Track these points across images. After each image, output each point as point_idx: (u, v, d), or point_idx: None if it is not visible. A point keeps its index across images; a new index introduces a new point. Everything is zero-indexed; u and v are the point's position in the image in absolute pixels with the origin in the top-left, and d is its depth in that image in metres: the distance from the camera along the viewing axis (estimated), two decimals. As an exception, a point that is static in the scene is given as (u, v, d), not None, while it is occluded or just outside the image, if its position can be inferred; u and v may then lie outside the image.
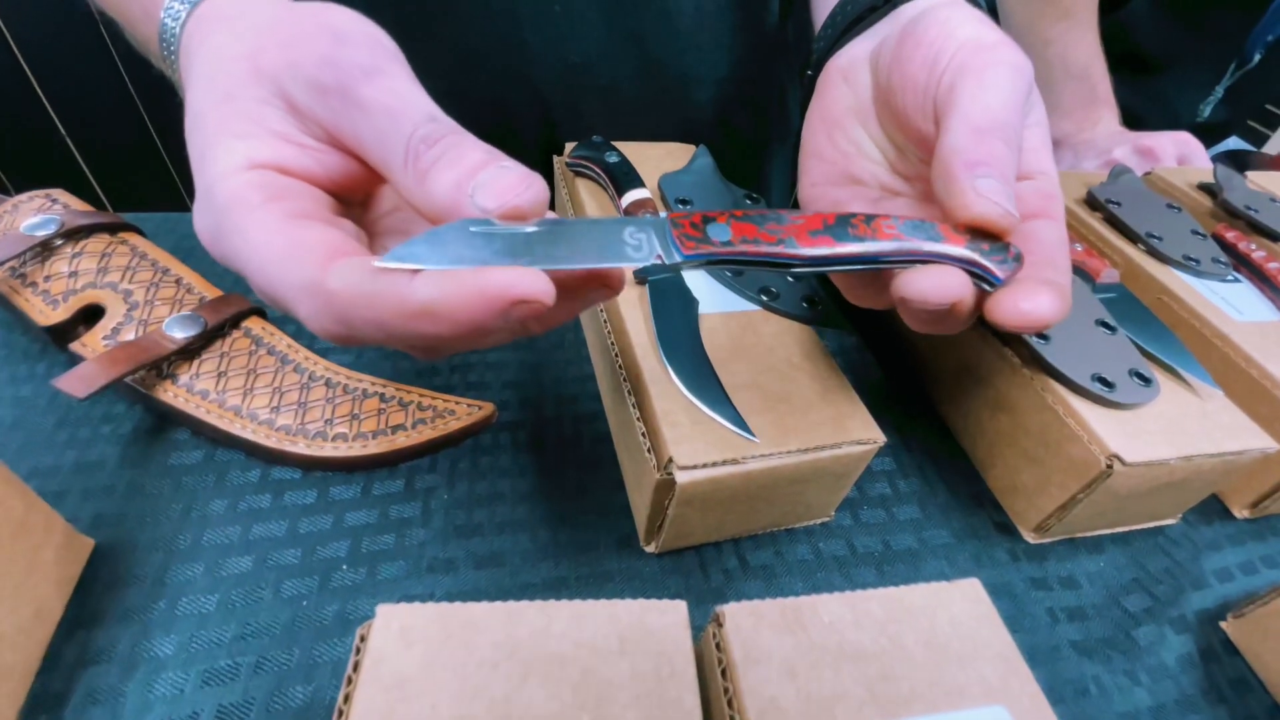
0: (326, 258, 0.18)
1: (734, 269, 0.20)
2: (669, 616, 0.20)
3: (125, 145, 1.03)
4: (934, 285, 0.20)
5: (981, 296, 0.21)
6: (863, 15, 0.30)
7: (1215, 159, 0.99)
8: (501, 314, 0.16)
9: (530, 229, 0.18)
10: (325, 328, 0.18)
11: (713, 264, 0.20)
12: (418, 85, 0.20)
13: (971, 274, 0.21)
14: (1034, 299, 0.20)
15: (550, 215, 0.19)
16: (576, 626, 0.19)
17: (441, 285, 0.16)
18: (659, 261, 0.19)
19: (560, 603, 0.19)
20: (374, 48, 0.20)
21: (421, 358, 0.22)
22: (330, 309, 0.17)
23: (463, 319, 0.16)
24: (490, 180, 0.18)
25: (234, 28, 0.21)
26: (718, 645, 0.20)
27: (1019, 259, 0.21)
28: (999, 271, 0.21)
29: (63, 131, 1.05)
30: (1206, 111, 0.76)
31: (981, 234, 0.21)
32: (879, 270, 0.22)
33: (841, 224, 0.21)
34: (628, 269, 0.22)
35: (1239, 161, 1.10)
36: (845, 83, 0.29)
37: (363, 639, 0.18)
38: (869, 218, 0.21)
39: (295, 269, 0.17)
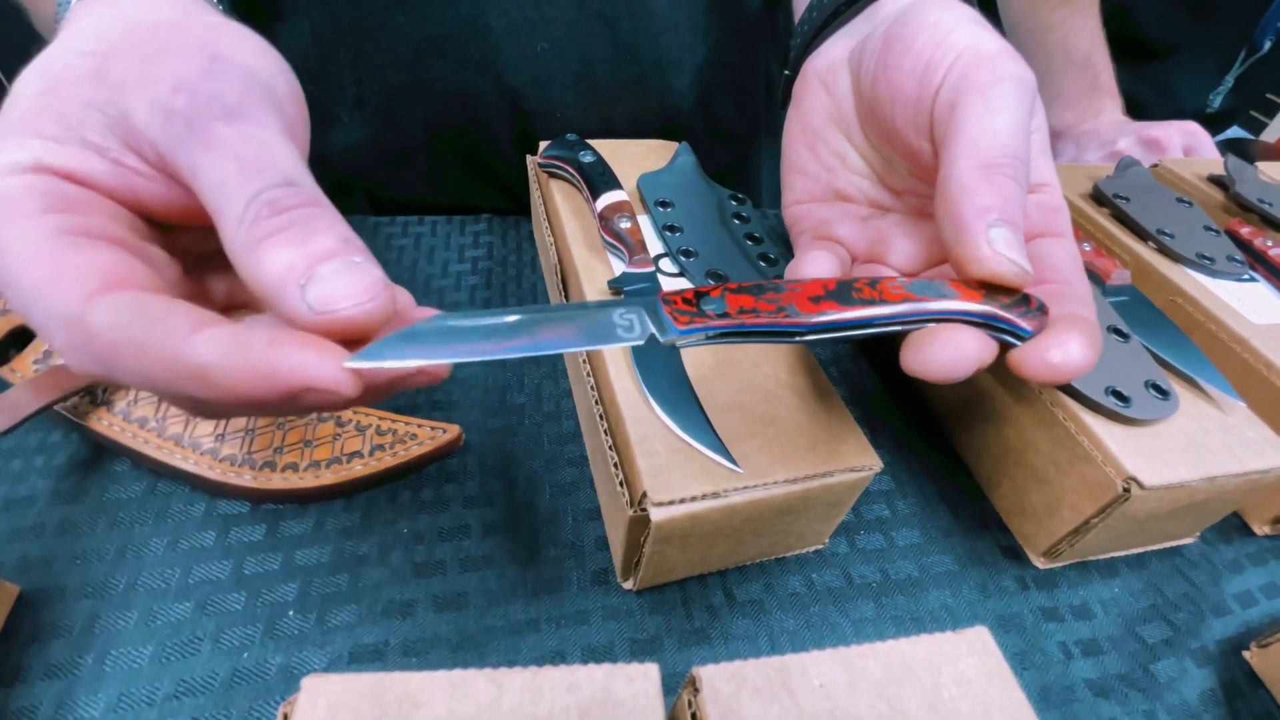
0: (97, 289, 0.15)
1: (730, 334, 0.18)
2: (637, 684, 0.17)
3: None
4: (950, 357, 0.18)
5: (1004, 347, 0.19)
6: (839, 9, 0.27)
7: (1224, 149, 0.97)
8: (288, 397, 0.15)
9: (513, 319, 0.16)
10: (82, 366, 0.15)
11: (711, 340, 0.18)
12: (286, 141, 0.17)
13: (994, 327, 0.19)
14: (1064, 348, 0.18)
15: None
16: (531, 699, 0.17)
17: (226, 350, 0.14)
18: (655, 340, 0.18)
19: (512, 671, 0.17)
20: (249, 86, 0.18)
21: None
22: (89, 348, 0.15)
23: (240, 391, 0.14)
24: (332, 275, 0.15)
25: (111, 18, 0.19)
26: (693, 715, 0.17)
27: (1043, 309, 0.19)
28: (1025, 324, 0.19)
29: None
30: (1217, 102, 0.74)
31: (996, 286, 0.19)
32: (894, 333, 0.20)
33: (844, 289, 0.19)
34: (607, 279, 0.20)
35: (1239, 149, 1.08)
36: (824, 89, 0.26)
37: (285, 718, 0.16)
38: (873, 281, 0.19)
39: (55, 297, 0.15)
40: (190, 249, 0.20)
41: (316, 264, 0.15)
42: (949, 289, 0.19)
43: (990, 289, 0.20)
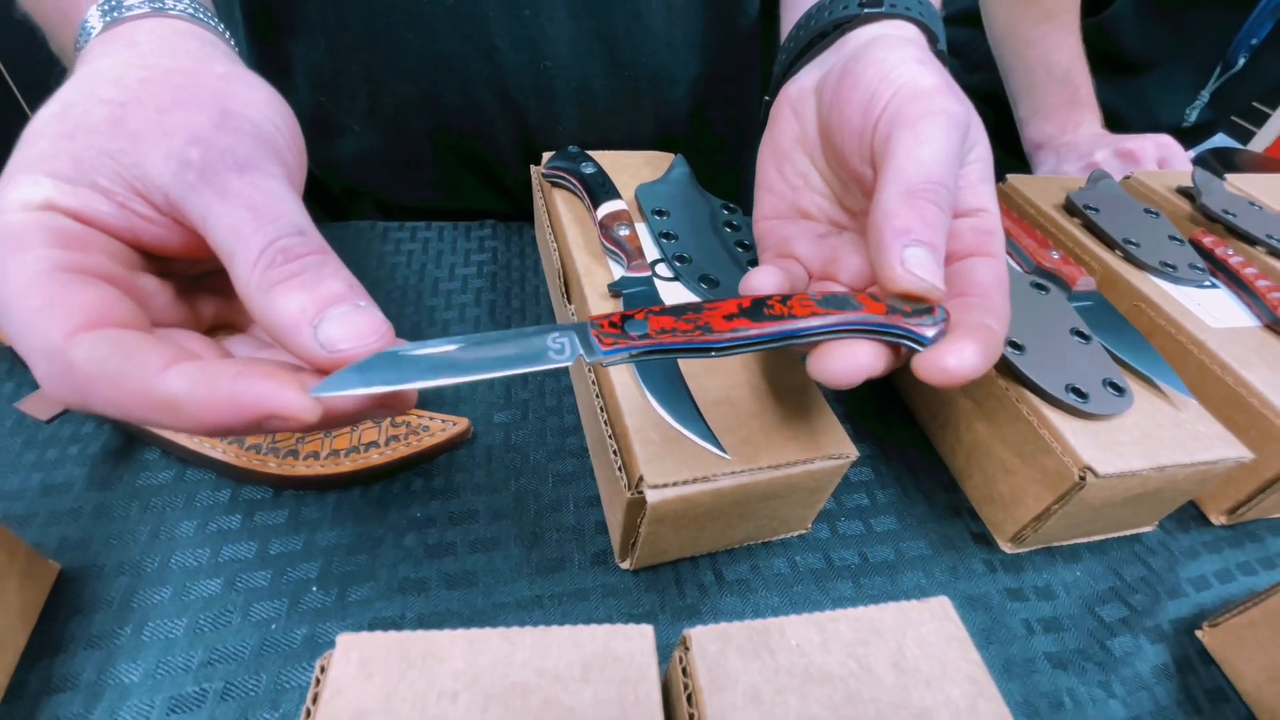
0: (80, 325, 0.16)
1: (652, 351, 0.20)
2: (635, 642, 0.19)
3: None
4: (843, 367, 0.21)
5: (911, 353, 0.22)
6: (813, 41, 0.30)
7: (1196, 160, 1.00)
8: (254, 423, 0.16)
9: (455, 348, 0.18)
10: (61, 395, 0.17)
11: (635, 358, 0.20)
12: (291, 192, 0.19)
13: (902, 335, 0.21)
14: (959, 354, 0.20)
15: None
16: (540, 654, 0.19)
17: (195, 382, 0.16)
18: (582, 359, 0.19)
19: (524, 630, 0.19)
20: (258, 141, 0.19)
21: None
22: (67, 380, 0.16)
23: (208, 420, 0.16)
24: (341, 317, 0.17)
25: (129, 62, 0.20)
26: (684, 670, 0.20)
27: (945, 318, 0.22)
28: (925, 332, 0.21)
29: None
30: (1193, 116, 0.76)
31: (912, 298, 0.22)
32: (804, 344, 0.22)
33: (757, 306, 0.21)
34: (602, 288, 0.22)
35: (1225, 159, 1.10)
36: (794, 115, 0.29)
37: (323, 670, 0.18)
38: (785, 298, 0.21)
39: (41, 330, 0.16)
40: (181, 273, 0.22)
41: (327, 307, 0.17)
42: (855, 301, 0.21)
43: (903, 301, 0.22)
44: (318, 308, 0.17)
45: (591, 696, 0.18)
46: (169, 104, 0.19)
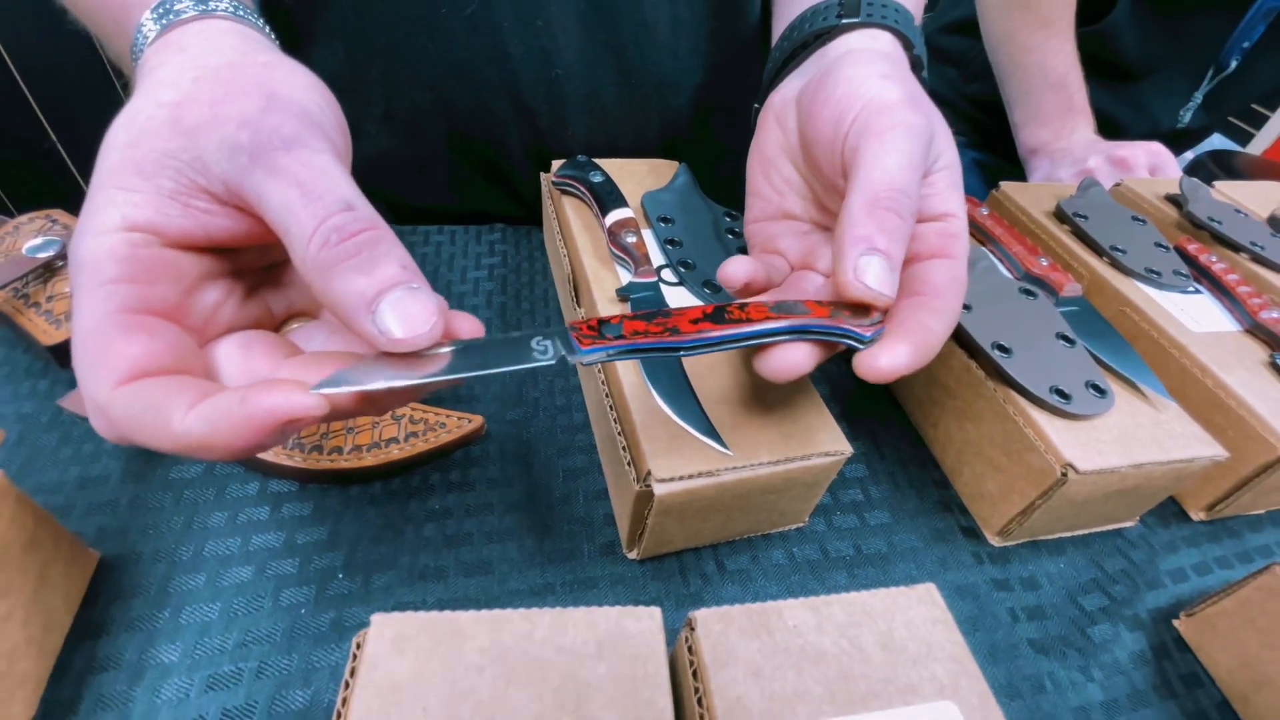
0: (123, 378, 0.18)
1: (626, 351, 0.22)
2: (644, 622, 0.21)
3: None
4: (781, 365, 0.23)
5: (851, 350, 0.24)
6: (796, 52, 0.31)
7: (1194, 163, 1.01)
8: (275, 433, 0.17)
9: (447, 349, 0.20)
10: (110, 438, 0.19)
11: (611, 358, 0.22)
12: (342, 168, 0.20)
13: (842, 335, 0.24)
14: (892, 354, 0.23)
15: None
16: (558, 632, 0.20)
17: (211, 420, 0.17)
18: (564, 359, 0.21)
19: (542, 610, 0.21)
20: (303, 120, 0.20)
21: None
22: (112, 428, 0.18)
23: (239, 445, 0.17)
24: (397, 302, 0.18)
25: (182, 66, 0.22)
26: (690, 648, 0.21)
27: (881, 321, 0.24)
28: (864, 332, 0.24)
29: (54, 139, 1.05)
30: (1187, 118, 0.78)
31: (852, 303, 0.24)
32: (762, 345, 0.24)
33: (719, 312, 0.23)
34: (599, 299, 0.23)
35: (1222, 162, 1.12)
36: (777, 124, 0.30)
37: (359, 646, 0.20)
38: (743, 304, 0.24)
39: (93, 381, 0.18)
40: (252, 265, 0.23)
41: (383, 292, 0.18)
42: (803, 307, 0.24)
43: (840, 305, 0.24)
44: (375, 291, 0.18)
45: (605, 671, 0.20)
46: (220, 96, 0.20)
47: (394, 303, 0.18)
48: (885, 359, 0.22)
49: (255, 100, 0.20)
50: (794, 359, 0.24)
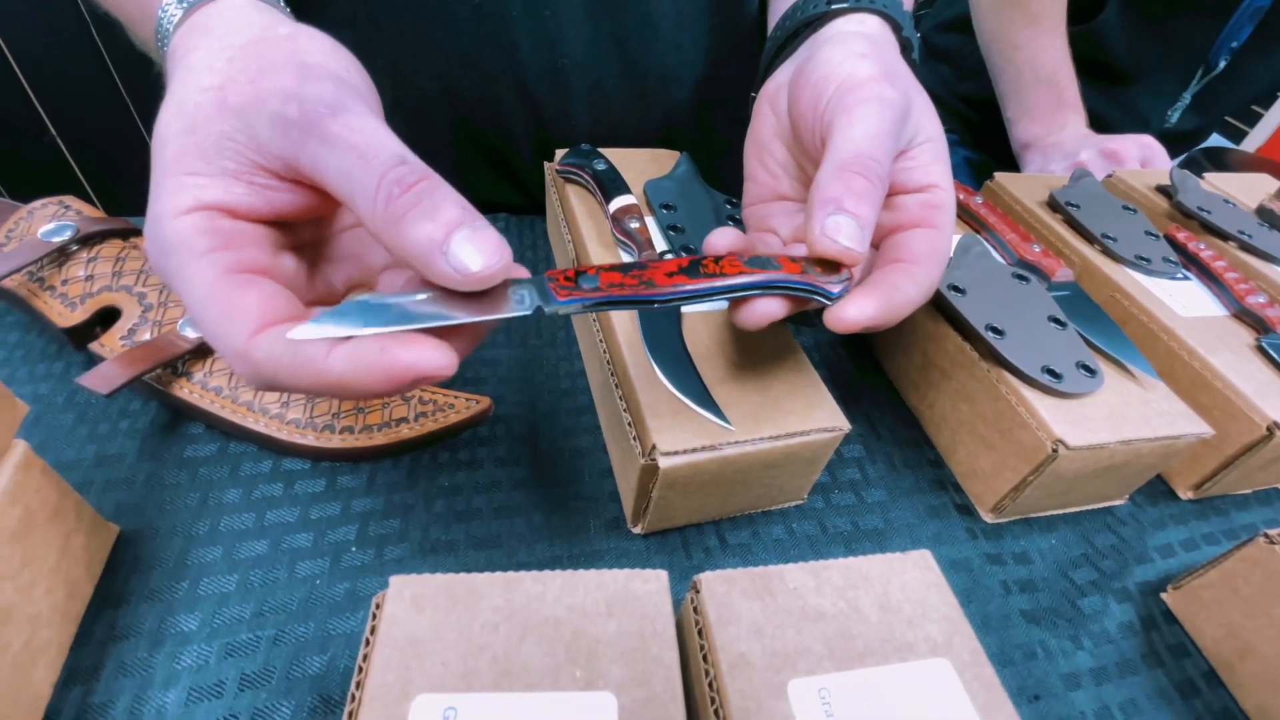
0: (257, 328, 0.19)
1: (602, 303, 0.22)
2: (651, 584, 0.22)
3: (118, 150, 1.04)
4: (753, 316, 0.25)
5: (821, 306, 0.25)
6: (788, 40, 0.32)
7: (1188, 157, 1.02)
8: (405, 387, 0.19)
9: (422, 296, 0.20)
10: (252, 383, 0.20)
11: (587, 309, 0.22)
12: (383, 124, 0.21)
13: (812, 291, 0.25)
14: (859, 307, 0.24)
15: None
16: (568, 593, 0.21)
17: (353, 363, 0.18)
18: (540, 310, 0.21)
19: (554, 572, 0.22)
20: (338, 85, 0.21)
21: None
22: (257, 374, 0.19)
23: (370, 390, 0.19)
24: (464, 241, 0.19)
25: (212, 48, 0.22)
26: (695, 609, 0.22)
27: (849, 278, 0.25)
28: (832, 289, 0.25)
29: (53, 132, 1.05)
30: (1174, 118, 0.79)
31: (824, 261, 0.25)
32: (738, 298, 0.25)
33: (694, 266, 0.24)
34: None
35: (1215, 157, 1.13)
36: (771, 109, 0.31)
37: (378, 606, 0.21)
38: (718, 259, 0.24)
39: (228, 335, 0.19)
40: (309, 240, 0.24)
41: (451, 233, 0.19)
42: (775, 262, 0.25)
43: (812, 262, 0.25)
44: (444, 233, 0.19)
45: (615, 629, 0.21)
46: (256, 73, 0.21)
47: (463, 241, 0.19)
48: (852, 310, 0.24)
49: (289, 72, 0.21)
50: (766, 308, 0.25)
